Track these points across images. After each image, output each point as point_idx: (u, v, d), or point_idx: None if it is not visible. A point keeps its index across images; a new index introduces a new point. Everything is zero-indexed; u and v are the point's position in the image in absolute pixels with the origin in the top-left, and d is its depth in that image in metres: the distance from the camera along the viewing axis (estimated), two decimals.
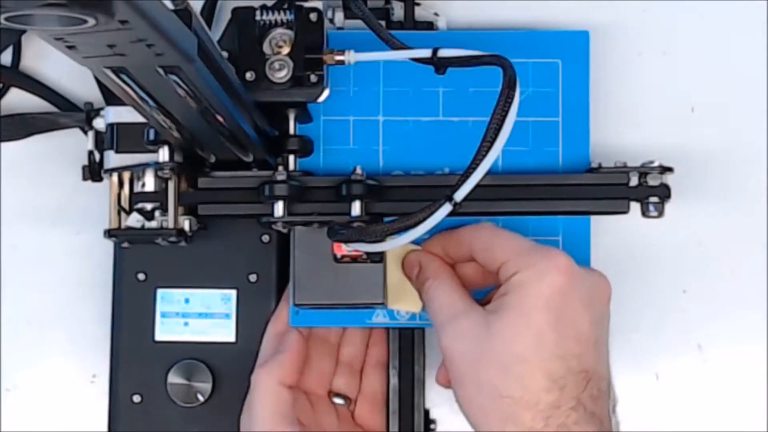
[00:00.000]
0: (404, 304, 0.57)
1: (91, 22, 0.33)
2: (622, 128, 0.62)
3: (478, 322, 0.51)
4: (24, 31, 0.62)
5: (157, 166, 0.55)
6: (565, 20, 0.62)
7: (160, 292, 0.59)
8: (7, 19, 0.33)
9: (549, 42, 0.59)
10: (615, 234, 0.61)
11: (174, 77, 0.43)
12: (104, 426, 0.60)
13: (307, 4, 0.54)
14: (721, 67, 0.62)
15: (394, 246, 0.52)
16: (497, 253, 0.52)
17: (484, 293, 0.54)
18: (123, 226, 0.57)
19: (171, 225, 0.56)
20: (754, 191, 0.62)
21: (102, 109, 0.58)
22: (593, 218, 0.58)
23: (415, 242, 0.54)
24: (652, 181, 0.57)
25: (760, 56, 0.62)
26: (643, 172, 0.57)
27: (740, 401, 0.61)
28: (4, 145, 0.63)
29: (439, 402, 0.60)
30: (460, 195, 0.49)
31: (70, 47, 0.37)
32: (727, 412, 0.61)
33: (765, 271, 0.61)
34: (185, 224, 0.56)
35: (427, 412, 0.59)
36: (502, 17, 0.62)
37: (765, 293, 0.61)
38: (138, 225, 0.56)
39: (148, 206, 0.57)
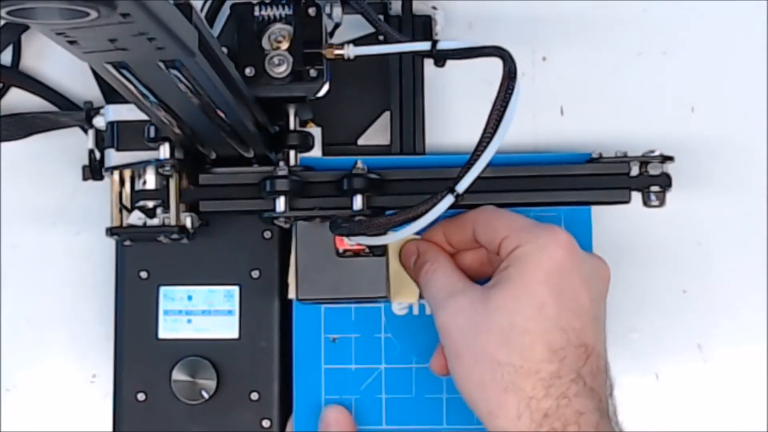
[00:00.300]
0: (401, 295, 0.57)
1: (93, 14, 0.33)
2: (622, 128, 0.62)
3: (476, 298, 0.51)
4: (24, 30, 0.62)
5: (158, 164, 0.55)
6: (564, 18, 0.62)
7: (162, 289, 0.59)
8: (9, 12, 0.33)
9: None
10: (615, 234, 0.61)
11: (175, 72, 0.43)
12: (104, 426, 0.60)
13: None
14: (721, 67, 0.62)
15: (396, 239, 0.53)
16: (499, 229, 0.52)
17: (483, 283, 0.54)
18: (125, 224, 0.57)
19: (173, 222, 0.56)
20: (755, 191, 0.62)
21: (102, 107, 0.59)
22: (594, 219, 0.58)
23: (417, 233, 0.54)
24: (653, 170, 0.57)
25: (760, 56, 0.62)
26: (644, 161, 0.57)
27: (740, 401, 0.61)
28: (4, 145, 0.63)
29: None
30: (462, 186, 0.49)
31: (71, 42, 0.37)
32: (727, 412, 0.61)
33: (765, 271, 0.61)
34: (187, 221, 0.56)
35: None
36: (501, 12, 0.63)
37: (765, 293, 0.61)
38: (140, 223, 0.57)
39: (150, 204, 0.57)
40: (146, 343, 0.59)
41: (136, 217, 0.57)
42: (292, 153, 0.57)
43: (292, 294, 0.57)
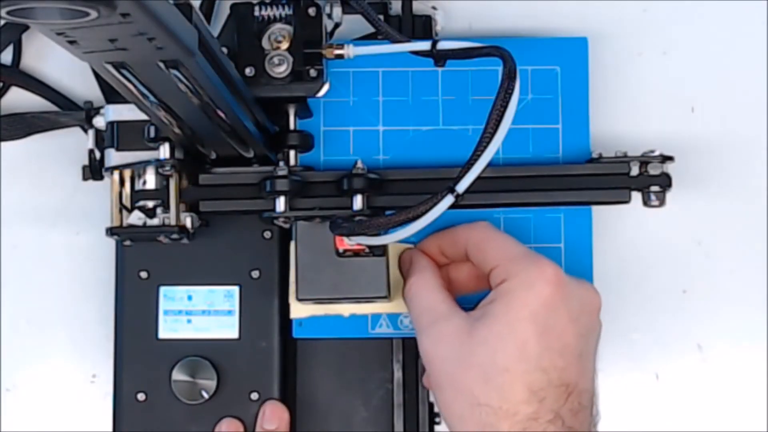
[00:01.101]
0: (400, 305, 0.57)
1: (93, 14, 0.33)
2: (622, 128, 0.62)
3: (460, 327, 0.51)
4: (25, 29, 0.62)
5: (158, 164, 0.55)
6: (565, 20, 0.62)
7: (162, 289, 0.59)
8: (9, 12, 0.33)
9: (548, 49, 0.59)
10: (615, 234, 0.61)
11: (175, 72, 0.43)
12: (104, 426, 0.60)
13: None
14: (721, 67, 0.62)
15: (396, 239, 0.52)
16: (489, 256, 0.53)
17: (475, 299, 0.53)
18: (125, 224, 0.57)
19: (173, 222, 0.56)
20: (755, 191, 0.62)
21: (102, 107, 0.59)
22: (594, 219, 0.58)
23: (413, 240, 0.54)
24: (653, 170, 0.57)
25: (760, 56, 0.62)
26: (644, 161, 0.57)
27: (740, 401, 0.61)
28: (4, 145, 0.63)
29: None
30: (462, 186, 0.49)
31: (71, 42, 0.37)
32: (727, 412, 0.61)
33: (765, 271, 0.61)
34: (187, 221, 0.56)
35: (431, 405, 0.59)
36: (501, 12, 0.63)
37: (765, 293, 0.61)
38: (140, 223, 0.57)
39: (150, 204, 0.57)
40: (146, 343, 0.59)
41: (136, 217, 0.57)
42: (292, 153, 0.57)
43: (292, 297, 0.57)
